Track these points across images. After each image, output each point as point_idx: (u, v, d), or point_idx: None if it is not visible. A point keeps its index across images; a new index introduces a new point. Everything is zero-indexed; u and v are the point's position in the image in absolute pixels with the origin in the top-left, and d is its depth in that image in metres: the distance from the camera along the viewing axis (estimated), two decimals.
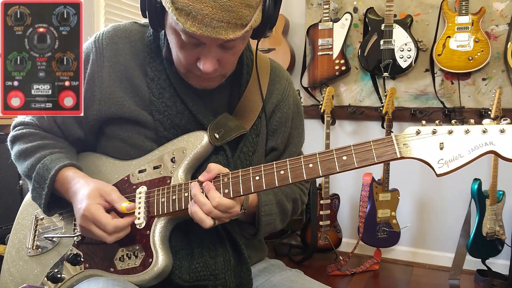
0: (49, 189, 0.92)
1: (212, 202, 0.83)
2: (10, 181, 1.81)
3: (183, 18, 0.76)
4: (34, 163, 0.95)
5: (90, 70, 0.95)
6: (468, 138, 0.75)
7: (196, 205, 0.84)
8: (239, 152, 0.97)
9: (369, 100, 2.77)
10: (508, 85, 2.48)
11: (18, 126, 1.03)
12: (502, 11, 2.45)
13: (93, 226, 0.86)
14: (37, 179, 0.93)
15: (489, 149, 0.74)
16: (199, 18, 0.75)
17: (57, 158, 0.95)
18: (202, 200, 0.84)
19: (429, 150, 0.76)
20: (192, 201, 0.86)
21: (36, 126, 1.01)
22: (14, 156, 1.00)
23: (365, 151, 0.79)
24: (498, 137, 0.74)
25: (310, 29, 2.78)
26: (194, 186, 0.86)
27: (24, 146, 0.98)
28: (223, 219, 0.86)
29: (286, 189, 1.05)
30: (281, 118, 1.04)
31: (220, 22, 0.76)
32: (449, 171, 0.75)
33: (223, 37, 0.77)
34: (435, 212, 2.72)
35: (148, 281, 0.87)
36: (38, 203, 0.95)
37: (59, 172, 0.92)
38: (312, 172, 0.82)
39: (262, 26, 0.85)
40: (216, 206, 0.83)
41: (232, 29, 0.78)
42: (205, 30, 0.76)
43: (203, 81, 0.91)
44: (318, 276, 1.74)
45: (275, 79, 1.05)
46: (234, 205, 0.86)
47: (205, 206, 0.83)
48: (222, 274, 0.92)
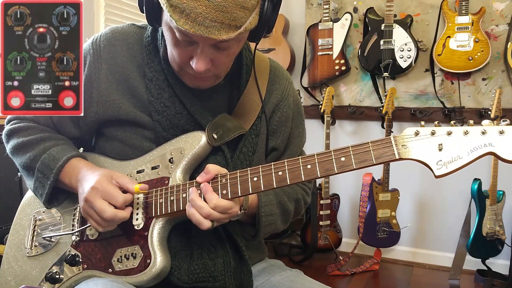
0: (54, 179, 0.92)
1: (210, 204, 0.83)
2: (9, 181, 1.81)
3: (177, 15, 0.76)
4: (38, 154, 0.95)
5: (88, 72, 0.95)
6: (467, 139, 0.74)
7: (193, 207, 0.84)
8: (238, 152, 0.96)
9: (369, 100, 2.77)
10: (508, 85, 2.48)
11: (13, 120, 1.02)
12: (502, 11, 2.45)
13: (98, 199, 0.85)
14: (42, 169, 0.94)
15: (488, 151, 0.73)
16: (193, 17, 0.75)
17: (64, 149, 0.96)
18: (199, 204, 0.83)
19: (427, 151, 0.76)
20: (189, 203, 0.86)
21: (32, 121, 1.02)
22: (11, 149, 1.00)
23: (364, 152, 0.79)
24: (497, 138, 0.73)
25: (310, 29, 2.78)
26: (192, 191, 0.86)
27: (23, 139, 0.98)
28: (222, 220, 0.86)
29: (288, 190, 1.04)
30: (281, 118, 1.04)
31: (213, 22, 0.76)
32: (448, 172, 0.75)
33: (216, 37, 0.77)
34: (435, 212, 2.72)
35: (147, 282, 0.87)
36: (39, 193, 0.95)
37: (68, 162, 0.93)
38: (310, 173, 0.81)
39: (260, 29, 0.85)
40: (214, 207, 0.83)
41: (225, 30, 0.77)
42: (197, 29, 0.76)
43: (196, 80, 0.91)
44: (318, 276, 1.74)
45: (275, 79, 1.05)
46: (232, 206, 0.86)
47: (202, 209, 0.83)
48: (222, 276, 0.92)
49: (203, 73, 0.86)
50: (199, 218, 0.83)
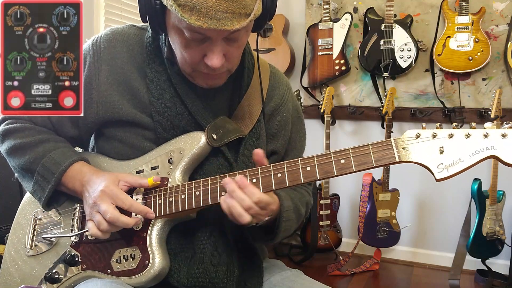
0: (56, 183, 0.92)
1: (252, 198, 0.81)
2: (9, 181, 1.81)
3: (187, 13, 0.76)
4: (38, 157, 0.94)
5: (87, 73, 0.95)
6: (469, 142, 0.74)
7: (234, 199, 0.82)
8: (241, 155, 0.96)
9: (369, 100, 2.77)
10: (508, 85, 2.48)
11: (8, 120, 1.00)
12: (502, 11, 2.45)
13: (106, 203, 0.85)
14: (42, 173, 0.93)
15: (490, 154, 0.73)
16: (204, 12, 0.75)
17: (64, 152, 0.95)
18: (241, 196, 0.81)
19: (428, 154, 0.75)
20: (226, 194, 0.83)
21: (28, 121, 1.00)
22: (7, 150, 0.98)
23: (364, 155, 0.78)
24: (499, 141, 0.72)
25: (310, 29, 2.78)
26: (228, 181, 0.83)
27: (20, 140, 0.96)
28: (260, 217, 0.85)
29: (297, 194, 1.04)
30: (281, 122, 1.04)
31: (224, 13, 0.75)
32: (448, 176, 0.74)
33: (229, 28, 0.77)
34: (435, 212, 2.72)
35: (145, 283, 0.87)
36: (38, 196, 0.95)
37: (70, 166, 0.93)
38: (310, 175, 0.81)
39: (262, 17, 0.85)
40: (257, 201, 0.81)
41: (237, 19, 0.77)
42: (211, 23, 0.76)
43: (209, 79, 0.90)
44: (318, 276, 1.74)
45: (275, 85, 1.05)
46: (272, 202, 0.85)
47: (244, 202, 0.81)
48: (223, 284, 0.90)
49: (218, 69, 0.85)
50: (240, 210, 0.81)
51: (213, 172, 0.94)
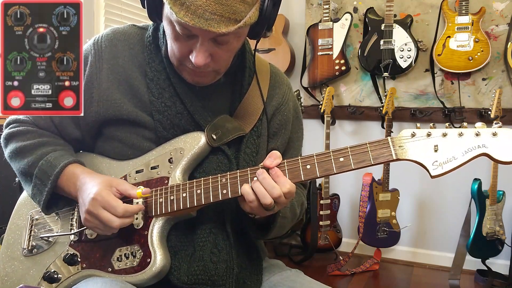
0: (52, 186, 0.92)
1: (283, 188, 0.82)
2: (9, 181, 1.81)
3: (177, 7, 0.77)
4: (36, 160, 0.94)
5: (89, 72, 0.95)
6: (461, 140, 0.77)
7: (262, 185, 0.83)
8: (243, 154, 0.96)
9: (369, 100, 2.77)
10: (508, 85, 2.48)
11: (12, 124, 1.01)
12: (502, 11, 2.45)
13: (101, 210, 0.85)
14: (39, 176, 0.93)
15: (481, 152, 0.76)
16: (192, 9, 0.76)
17: (61, 155, 0.95)
18: (272, 183, 0.82)
19: (424, 152, 0.78)
20: (255, 179, 0.84)
21: (32, 124, 1.00)
22: (10, 153, 0.99)
23: (362, 153, 0.81)
24: (490, 140, 0.76)
25: (310, 29, 2.78)
26: (262, 171, 0.84)
27: (21, 144, 0.97)
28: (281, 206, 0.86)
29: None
30: (282, 121, 1.05)
31: (213, 14, 0.76)
32: (443, 172, 0.77)
33: (215, 30, 0.77)
34: (435, 212, 2.72)
35: (146, 281, 0.87)
36: (37, 200, 0.95)
37: (65, 168, 0.92)
38: (310, 173, 0.83)
39: (260, 25, 0.85)
40: (287, 192, 0.83)
41: (225, 23, 0.77)
42: (197, 21, 0.76)
43: (195, 76, 0.91)
44: (318, 276, 1.74)
45: (275, 84, 1.05)
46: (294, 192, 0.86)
47: (274, 189, 0.82)
48: (222, 281, 0.91)
49: (202, 68, 0.86)
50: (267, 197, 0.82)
51: (212, 169, 0.94)
